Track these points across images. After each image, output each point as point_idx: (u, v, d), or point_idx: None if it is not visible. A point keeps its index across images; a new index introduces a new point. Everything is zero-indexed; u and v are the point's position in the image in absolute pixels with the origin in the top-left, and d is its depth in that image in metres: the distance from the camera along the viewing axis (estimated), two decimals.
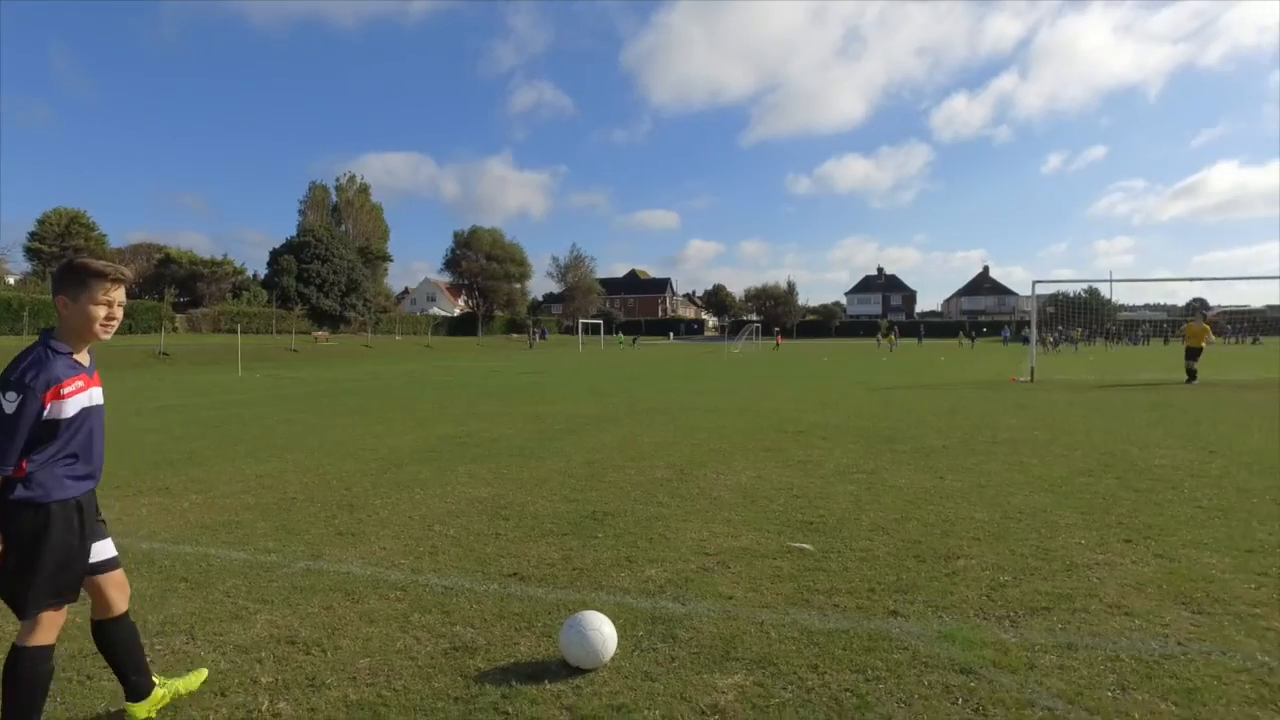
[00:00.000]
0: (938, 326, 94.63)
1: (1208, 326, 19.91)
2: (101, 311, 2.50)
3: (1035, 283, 21.76)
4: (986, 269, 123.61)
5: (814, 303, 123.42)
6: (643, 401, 15.20)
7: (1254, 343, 60.09)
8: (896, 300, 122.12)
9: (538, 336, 66.88)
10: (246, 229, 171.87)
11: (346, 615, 3.83)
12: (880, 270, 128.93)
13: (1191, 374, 18.65)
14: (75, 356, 2.52)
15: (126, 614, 2.81)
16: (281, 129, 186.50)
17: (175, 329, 45.95)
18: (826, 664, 3.21)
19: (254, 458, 8.57)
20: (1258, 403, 14.07)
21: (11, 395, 2.34)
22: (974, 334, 69.69)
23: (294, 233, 64.02)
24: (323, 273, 59.42)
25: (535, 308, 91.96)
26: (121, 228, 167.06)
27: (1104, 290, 77.29)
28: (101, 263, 2.55)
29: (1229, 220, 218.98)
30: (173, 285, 49.68)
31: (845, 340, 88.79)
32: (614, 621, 3.38)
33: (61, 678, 3.09)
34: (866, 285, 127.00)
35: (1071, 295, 72.91)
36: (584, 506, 6.13)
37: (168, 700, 2.89)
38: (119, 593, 2.78)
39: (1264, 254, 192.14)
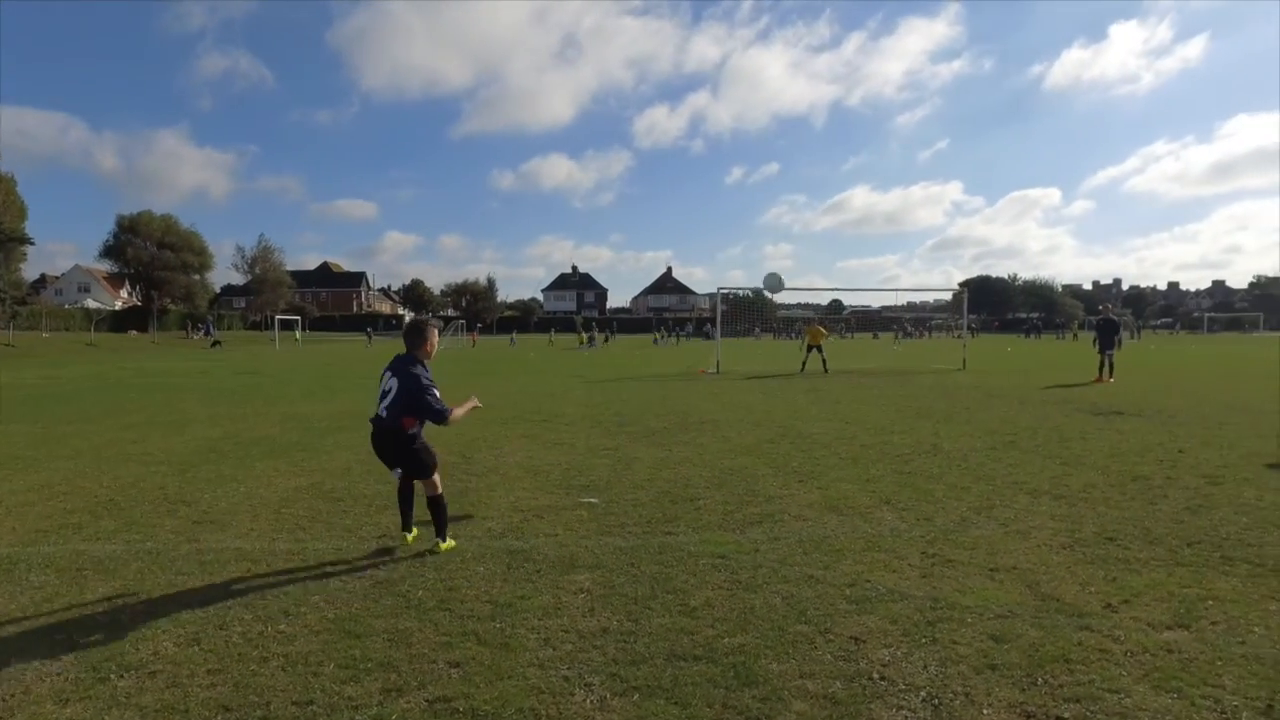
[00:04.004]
0: (629, 323, 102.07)
1: (821, 328, 24.98)
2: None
3: (720, 288, 25.65)
4: (670, 269, 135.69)
5: (512, 299, 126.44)
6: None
7: (874, 338, 73.37)
8: (590, 298, 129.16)
9: (202, 333, 62.13)
10: None
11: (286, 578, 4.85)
12: (574, 268, 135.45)
13: (806, 365, 23.38)
14: None
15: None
16: None
17: None
18: (638, 562, 5.01)
19: (9, 469, 8.36)
20: (875, 385, 18.62)
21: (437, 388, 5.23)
22: (678, 331, 74.10)
23: None
24: None
25: (215, 301, 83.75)
26: None
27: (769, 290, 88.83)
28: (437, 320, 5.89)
29: (861, 234, 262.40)
30: None
31: (544, 336, 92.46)
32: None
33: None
34: (562, 282, 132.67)
35: (741, 295, 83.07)
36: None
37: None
38: None
39: (883, 264, 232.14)
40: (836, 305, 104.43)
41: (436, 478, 5.31)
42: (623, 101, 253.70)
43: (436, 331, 5.50)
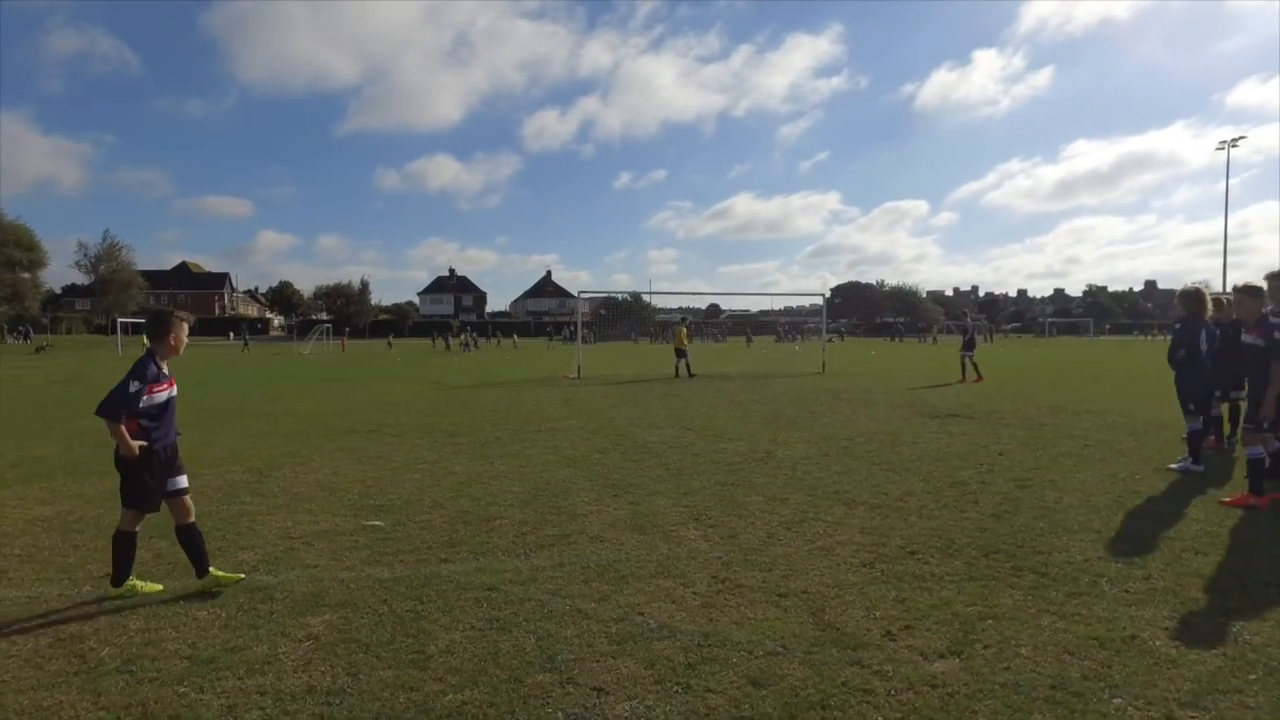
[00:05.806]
0: (508, 327, 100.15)
1: (684, 330, 24.93)
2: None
3: (580, 292, 25.21)
4: (550, 273, 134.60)
5: (388, 301, 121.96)
6: (209, 409, 14.58)
7: (748, 341, 74.90)
8: (468, 301, 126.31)
9: (23, 337, 57.30)
10: None
11: None
12: (452, 271, 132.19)
13: (678, 370, 23.18)
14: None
15: (191, 525, 4.61)
16: None
17: None
18: (394, 598, 4.39)
19: None
20: (731, 390, 18.59)
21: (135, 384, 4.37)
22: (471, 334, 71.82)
23: None
24: None
25: (52, 302, 76.48)
26: None
27: (649, 294, 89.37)
28: (184, 312, 4.78)
29: (744, 240, 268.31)
30: None
31: (419, 340, 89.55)
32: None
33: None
34: (439, 286, 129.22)
35: (620, 299, 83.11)
36: (166, 514, 6.39)
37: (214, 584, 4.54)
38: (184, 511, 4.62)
39: (764, 269, 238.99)
40: (714, 309, 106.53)
41: (133, 513, 4.61)
42: (513, 104, 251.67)
43: (185, 325, 4.73)
